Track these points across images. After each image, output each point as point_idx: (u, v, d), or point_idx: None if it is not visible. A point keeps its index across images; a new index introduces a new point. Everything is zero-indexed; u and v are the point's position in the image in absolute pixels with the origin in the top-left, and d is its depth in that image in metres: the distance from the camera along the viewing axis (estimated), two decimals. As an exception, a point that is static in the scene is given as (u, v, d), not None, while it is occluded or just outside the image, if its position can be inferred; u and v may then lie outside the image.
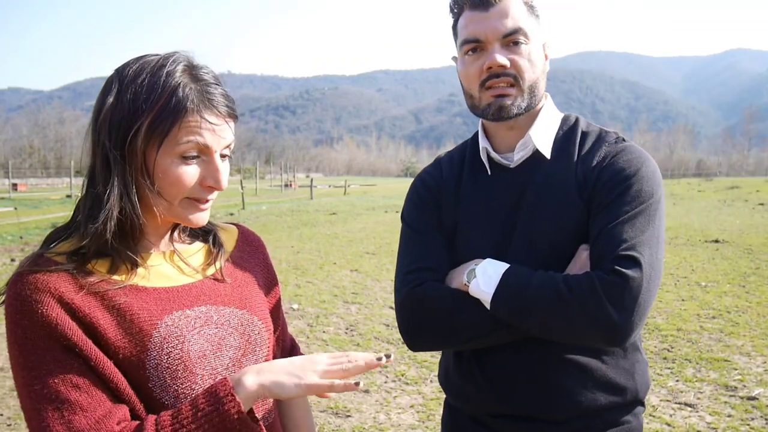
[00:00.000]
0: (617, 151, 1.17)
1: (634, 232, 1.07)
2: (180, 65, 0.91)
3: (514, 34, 1.13)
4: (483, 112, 1.19)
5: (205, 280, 1.00)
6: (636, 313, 1.03)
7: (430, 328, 1.18)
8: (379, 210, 19.54)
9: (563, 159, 1.20)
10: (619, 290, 1.02)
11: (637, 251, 1.05)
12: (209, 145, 0.91)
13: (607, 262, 1.05)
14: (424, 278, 1.20)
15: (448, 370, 1.32)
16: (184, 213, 0.94)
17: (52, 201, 24.17)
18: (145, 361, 0.87)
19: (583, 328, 1.05)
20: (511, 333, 1.12)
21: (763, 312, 5.73)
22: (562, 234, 1.15)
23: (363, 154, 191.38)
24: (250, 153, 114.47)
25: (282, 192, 35.85)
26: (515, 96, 1.16)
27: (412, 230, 1.29)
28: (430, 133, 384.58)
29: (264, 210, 19.27)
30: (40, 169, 60.58)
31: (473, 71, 1.17)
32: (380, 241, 11.26)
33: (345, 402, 3.79)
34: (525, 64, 1.15)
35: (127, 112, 0.88)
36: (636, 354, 1.20)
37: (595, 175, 1.15)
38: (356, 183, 54.96)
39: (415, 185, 1.37)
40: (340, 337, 5.18)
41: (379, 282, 7.49)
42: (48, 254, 0.90)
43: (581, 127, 1.24)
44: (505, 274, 1.10)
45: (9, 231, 12.26)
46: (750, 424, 3.38)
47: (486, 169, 1.26)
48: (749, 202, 17.37)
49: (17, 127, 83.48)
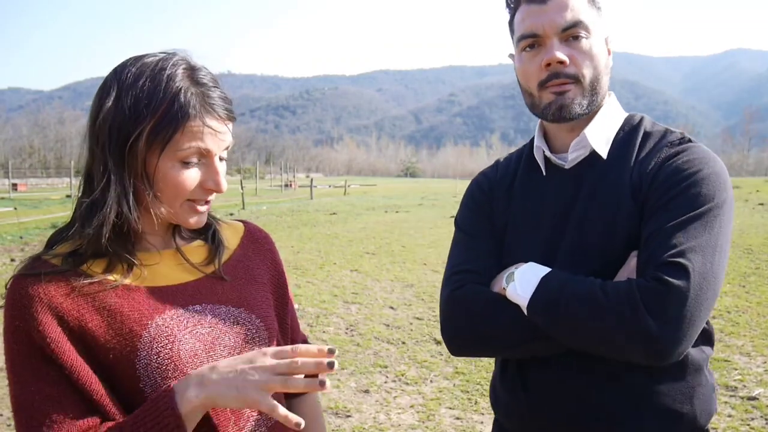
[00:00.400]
0: (678, 151, 1.08)
1: (685, 237, 0.97)
2: (180, 68, 0.91)
3: (573, 27, 1.07)
4: (543, 113, 1.13)
5: (203, 279, 1.00)
6: (681, 326, 0.92)
7: (467, 333, 1.13)
8: (379, 210, 19.53)
9: (620, 160, 1.12)
10: (661, 300, 0.93)
11: (686, 258, 0.95)
12: (210, 149, 0.92)
13: (651, 269, 0.96)
14: (466, 280, 1.15)
15: (495, 383, 1.26)
16: (184, 216, 0.95)
17: (52, 201, 24.16)
18: (135, 361, 0.87)
19: (619, 340, 0.96)
20: (553, 344, 1.04)
21: (763, 312, 5.73)
22: (614, 240, 1.07)
23: (363, 154, 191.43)
24: (250, 153, 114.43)
25: (282, 192, 35.84)
26: (576, 95, 1.09)
27: (463, 233, 1.25)
28: (430, 133, 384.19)
29: (264, 210, 19.26)
30: (40, 169, 60.59)
31: (531, 68, 1.10)
32: (380, 241, 11.25)
33: (345, 402, 3.79)
34: (586, 60, 1.08)
35: (128, 117, 0.88)
36: (698, 375, 1.08)
37: (651, 177, 1.07)
38: (356, 183, 54.95)
39: (470, 188, 1.32)
40: (340, 337, 5.18)
41: (379, 282, 7.48)
42: (45, 257, 0.91)
43: (645, 126, 1.16)
44: (543, 279, 1.03)
45: (9, 231, 12.26)
46: (750, 424, 3.38)
47: (541, 170, 1.20)
48: (749, 202, 17.34)
49: (17, 127, 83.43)
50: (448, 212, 17.34)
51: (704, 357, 1.10)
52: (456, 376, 4.25)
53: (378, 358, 4.64)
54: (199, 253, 1.03)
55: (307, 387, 0.82)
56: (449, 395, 3.92)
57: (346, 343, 5.01)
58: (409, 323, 5.62)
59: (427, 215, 17.32)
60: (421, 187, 47.76)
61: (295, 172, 79.30)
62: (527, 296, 1.03)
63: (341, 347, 4.87)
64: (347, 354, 4.73)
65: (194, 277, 0.99)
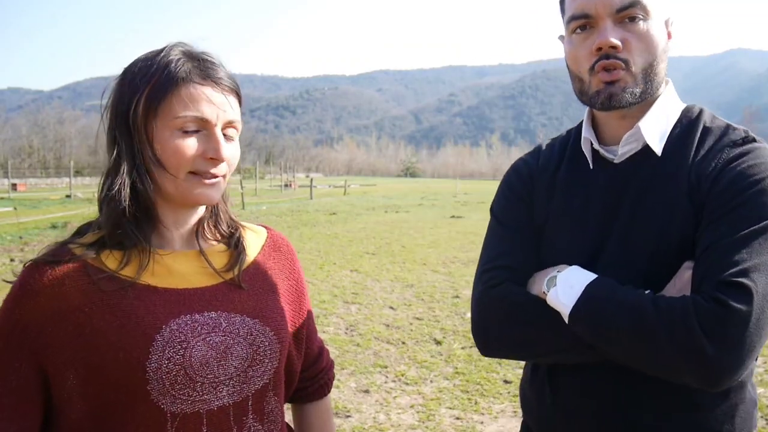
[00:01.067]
0: (742, 153, 0.98)
1: (748, 254, 0.88)
2: (177, 48, 0.94)
3: (630, 8, 0.97)
4: (591, 100, 1.04)
5: (221, 285, 0.98)
6: (740, 352, 0.85)
7: (500, 335, 1.06)
8: (379, 210, 19.54)
9: (676, 157, 1.02)
10: (720, 323, 0.85)
11: (750, 278, 0.87)
12: (207, 117, 0.91)
13: (710, 287, 0.88)
14: (501, 278, 1.07)
15: (525, 383, 1.20)
16: (190, 188, 0.93)
17: (51, 201, 24.16)
18: (146, 364, 0.86)
19: (668, 361, 0.88)
20: (593, 353, 0.97)
21: (763, 312, 5.72)
22: (666, 244, 0.98)
23: (363, 154, 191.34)
24: (250, 153, 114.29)
25: (282, 192, 35.82)
26: (627, 81, 1.00)
27: (498, 224, 1.16)
28: (430, 133, 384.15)
29: (264, 210, 19.27)
30: (39, 169, 60.58)
31: (582, 52, 1.02)
32: (380, 241, 11.26)
33: (345, 402, 3.79)
34: (641, 45, 0.99)
35: (126, 91, 0.92)
36: (741, 392, 1.00)
37: (711, 179, 0.97)
38: (356, 183, 54.94)
39: (508, 174, 1.22)
40: (340, 337, 5.18)
41: (379, 282, 7.48)
42: (71, 245, 0.92)
43: (704, 121, 1.06)
44: (588, 286, 0.96)
45: (8, 231, 12.26)
46: (750, 424, 3.38)
47: (588, 162, 1.10)
48: (749, 202, 17.35)
49: (17, 127, 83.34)
50: (448, 212, 17.35)
51: (749, 372, 1.00)
52: (456, 376, 4.25)
53: (378, 358, 4.63)
54: (220, 258, 1.02)
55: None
56: (449, 395, 3.92)
57: (346, 343, 5.01)
58: (409, 323, 5.62)
59: (427, 215, 17.33)
60: (421, 187, 47.80)
61: (294, 172, 79.28)
62: (570, 304, 0.96)
63: (341, 347, 4.87)
64: (347, 354, 4.72)
65: (212, 282, 0.98)
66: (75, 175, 32.13)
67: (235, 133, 0.97)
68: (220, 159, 0.93)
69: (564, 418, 1.08)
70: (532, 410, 1.17)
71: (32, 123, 79.92)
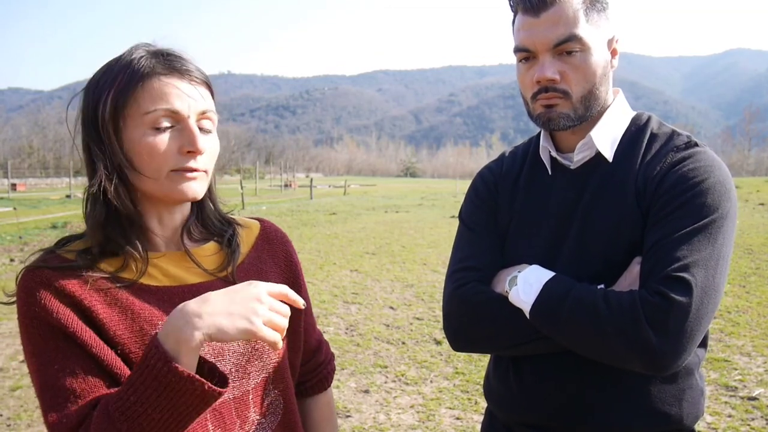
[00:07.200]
0: (684, 157, 1.07)
1: (689, 250, 0.97)
2: (140, 48, 0.93)
3: (566, 42, 1.04)
4: (535, 121, 1.14)
5: (216, 281, 0.98)
6: (681, 341, 0.94)
7: (469, 332, 1.16)
8: (379, 210, 19.53)
9: (626, 162, 1.11)
10: (663, 314, 0.94)
11: (690, 273, 0.95)
12: (177, 109, 0.89)
13: (654, 282, 0.97)
14: (469, 278, 1.16)
15: (489, 373, 1.29)
16: (173, 186, 0.91)
17: (51, 201, 24.16)
18: None
19: (619, 351, 0.97)
20: (552, 344, 1.06)
21: (763, 312, 5.73)
22: (616, 245, 1.07)
23: (363, 154, 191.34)
24: (250, 153, 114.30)
25: (282, 192, 35.83)
26: (565, 108, 1.08)
27: (466, 227, 1.25)
28: (430, 133, 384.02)
29: (264, 210, 19.26)
30: (39, 169, 60.58)
31: (527, 81, 1.11)
32: (380, 241, 11.25)
33: (345, 402, 3.79)
34: (578, 75, 1.06)
35: (92, 97, 0.90)
36: (689, 379, 1.10)
37: (656, 182, 1.06)
38: (356, 183, 54.94)
39: (474, 181, 1.32)
40: (340, 337, 5.18)
41: (379, 282, 7.48)
42: (59, 251, 0.91)
43: (652, 127, 1.15)
44: (546, 284, 1.04)
45: (8, 231, 12.26)
46: (750, 425, 3.38)
47: (547, 169, 1.20)
48: (749, 202, 17.34)
49: (17, 127, 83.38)
50: (448, 212, 17.34)
51: (696, 360, 1.12)
52: (456, 376, 4.25)
53: (378, 358, 4.63)
54: (212, 257, 1.01)
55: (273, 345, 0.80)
56: (449, 395, 3.92)
57: (346, 343, 5.01)
58: (409, 323, 5.62)
59: (427, 215, 17.32)
60: (421, 187, 47.77)
61: (294, 172, 79.28)
62: (530, 301, 1.05)
63: (341, 347, 4.87)
64: (347, 354, 4.72)
65: (206, 279, 0.98)
66: (75, 175, 32.12)
67: (210, 125, 0.94)
68: (197, 151, 0.90)
69: (526, 403, 1.17)
70: (497, 398, 1.24)
71: (32, 123, 79.93)
